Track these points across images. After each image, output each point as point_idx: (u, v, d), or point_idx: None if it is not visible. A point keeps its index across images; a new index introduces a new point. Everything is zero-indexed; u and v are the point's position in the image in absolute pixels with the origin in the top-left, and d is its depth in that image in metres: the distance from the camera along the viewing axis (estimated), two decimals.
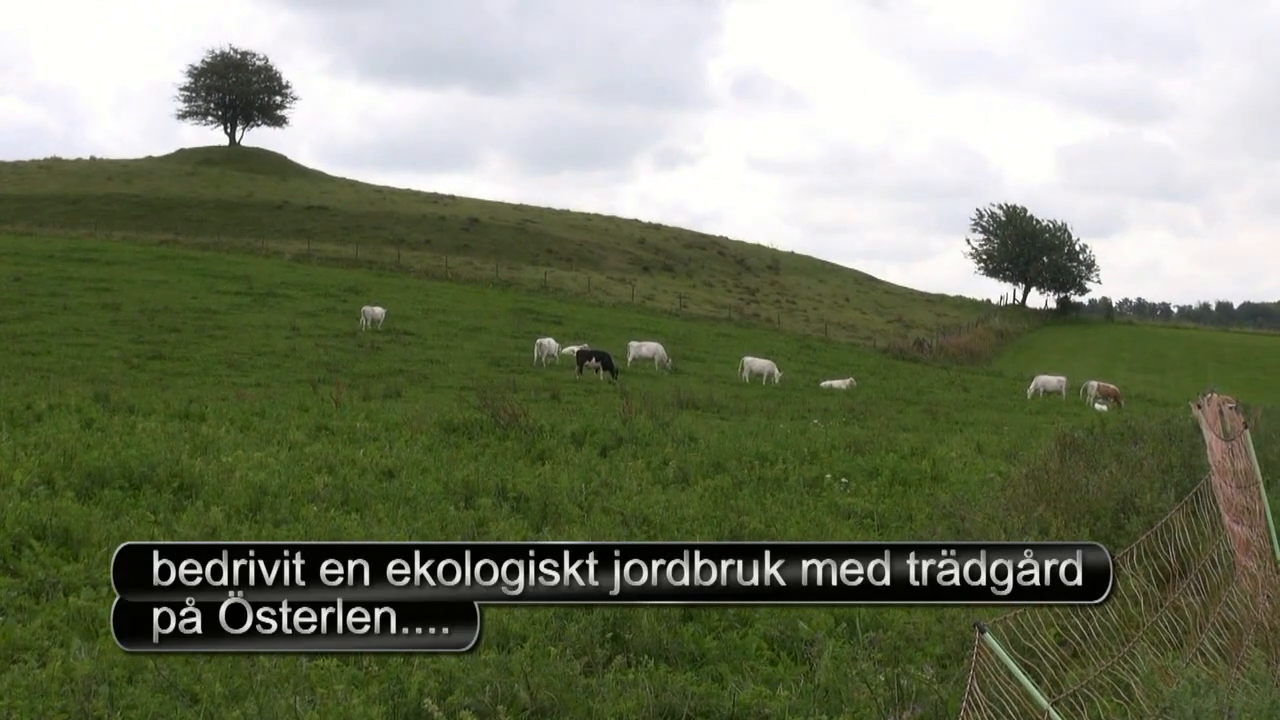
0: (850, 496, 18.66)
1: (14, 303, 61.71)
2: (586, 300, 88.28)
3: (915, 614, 11.51)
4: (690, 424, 27.74)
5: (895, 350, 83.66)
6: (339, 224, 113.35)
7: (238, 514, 14.81)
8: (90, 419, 22.23)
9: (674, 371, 58.91)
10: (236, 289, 72.38)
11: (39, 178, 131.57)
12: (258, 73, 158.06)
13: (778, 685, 9.87)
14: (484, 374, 49.14)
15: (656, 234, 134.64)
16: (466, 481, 17.58)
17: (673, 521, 15.83)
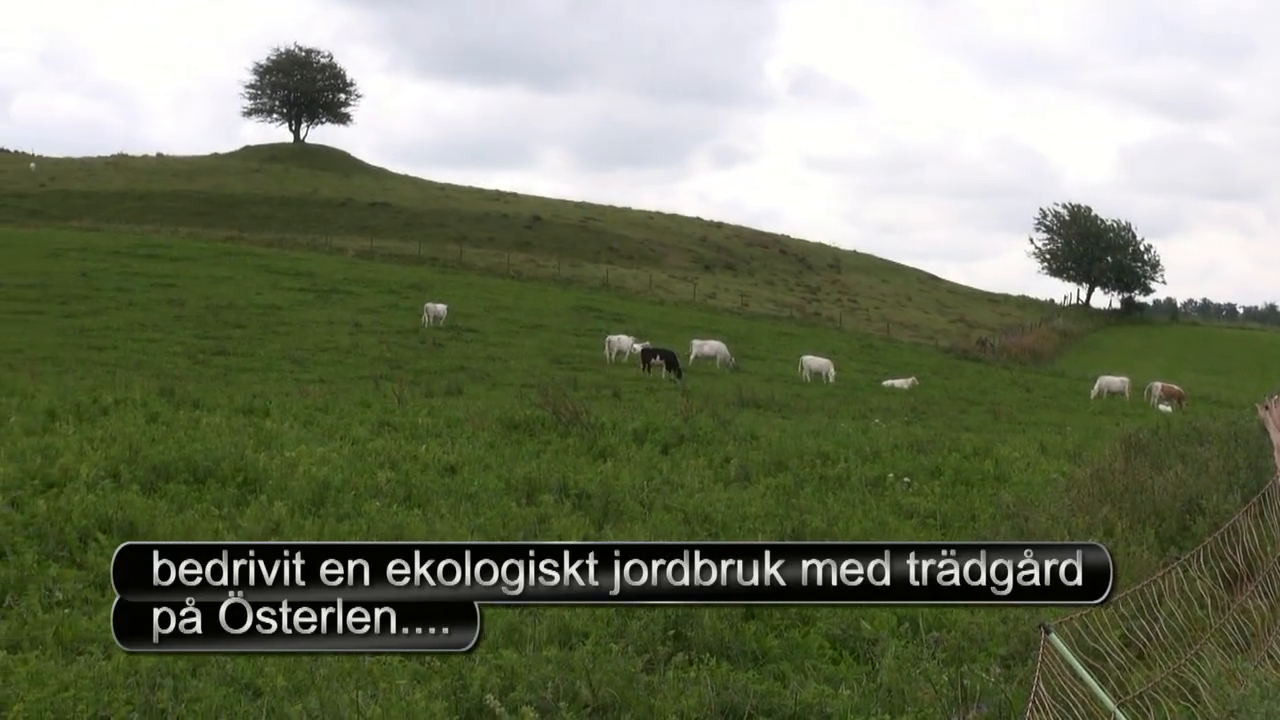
0: (913, 496, 18.58)
1: (81, 298, 62.20)
2: (648, 298, 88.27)
3: (979, 614, 11.45)
4: (752, 422, 27.69)
5: (958, 350, 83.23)
6: (402, 221, 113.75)
7: (301, 509, 14.87)
8: (155, 413, 22.36)
9: (736, 370, 58.81)
10: (300, 285, 72.72)
11: (106, 174, 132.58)
12: (322, 70, 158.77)
13: (840, 684, 9.84)
14: (545, 371, 49.18)
15: (718, 232, 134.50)
16: (528, 478, 17.60)
17: (734, 520, 15.80)
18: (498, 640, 10.32)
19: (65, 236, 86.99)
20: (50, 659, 9.36)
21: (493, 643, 10.25)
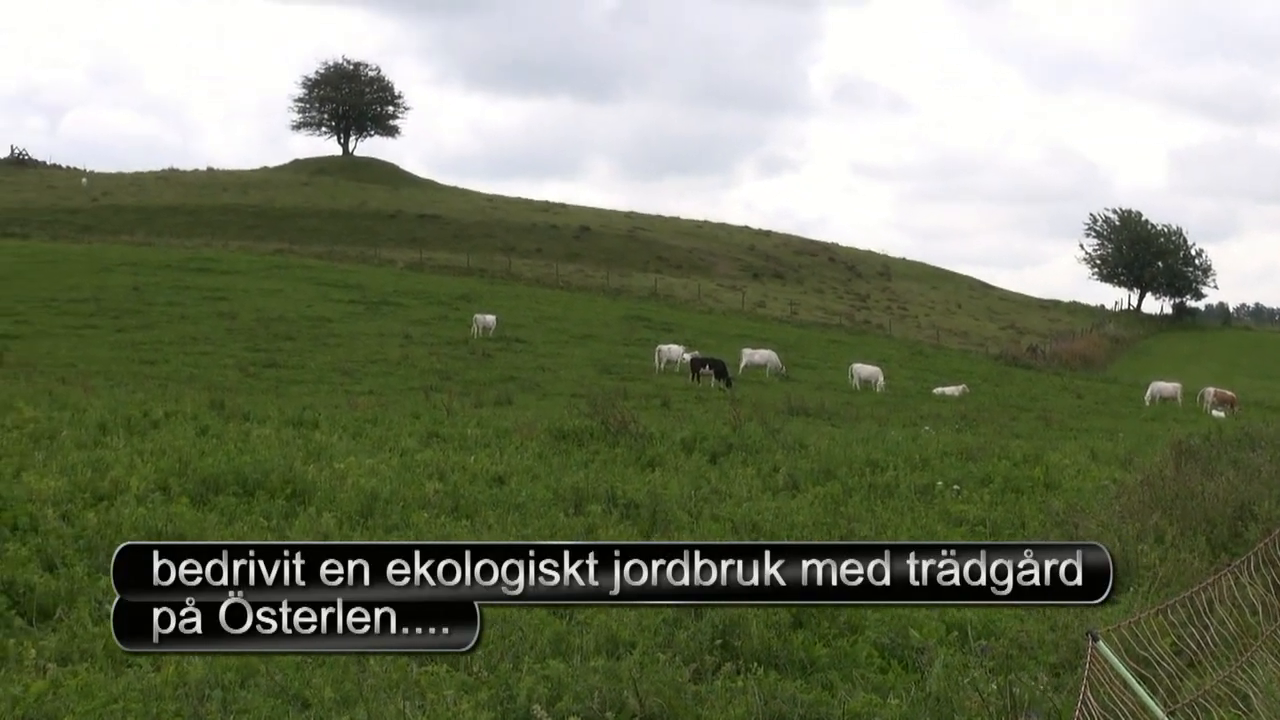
0: (962, 504, 18.49)
1: (133, 312, 62.59)
2: (697, 307, 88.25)
3: (1028, 621, 11.39)
4: (801, 431, 27.62)
5: (1008, 357, 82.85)
6: (450, 233, 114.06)
7: (349, 520, 14.91)
8: (206, 426, 22.47)
9: (786, 379, 58.72)
10: (350, 297, 72.98)
11: (157, 188, 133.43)
12: (370, 83, 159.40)
13: (888, 693, 9.80)
14: (595, 381, 49.21)
15: (766, 240, 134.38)
16: (576, 488, 17.60)
17: (782, 528, 15.76)
18: (545, 650, 10.32)
19: (117, 251, 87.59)
20: (100, 671, 9.41)
21: (540, 653, 10.26)
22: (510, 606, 6.78)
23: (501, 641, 10.41)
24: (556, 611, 11.47)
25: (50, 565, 11.98)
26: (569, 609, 11.63)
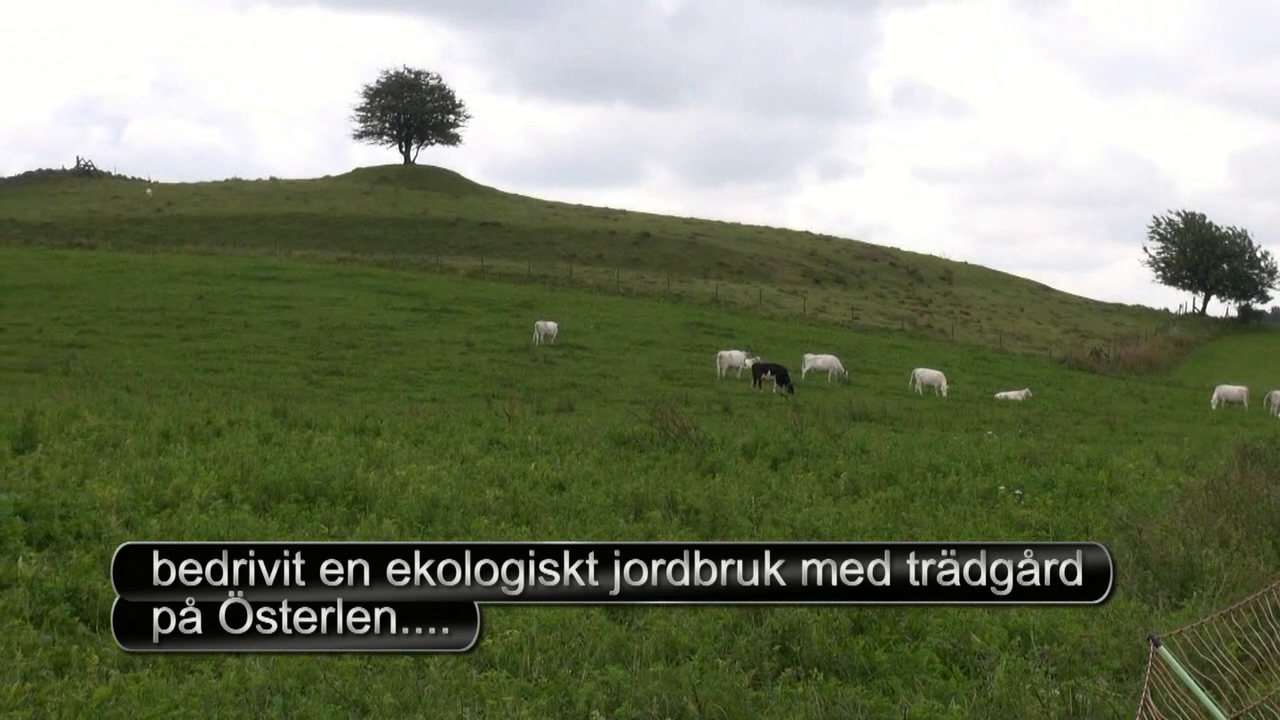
0: (1024, 509, 18.38)
1: (197, 321, 63.07)
2: (758, 313, 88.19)
3: (1092, 626, 11.30)
4: (862, 436, 27.54)
5: (1071, 361, 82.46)
6: (511, 240, 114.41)
7: (410, 526, 14.95)
8: (268, 434, 22.58)
9: (848, 384, 58.58)
10: (412, 305, 73.32)
11: (220, 198, 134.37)
12: (431, 92, 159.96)
13: (950, 699, 9.74)
14: (656, 387, 49.24)
15: (827, 246, 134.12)
16: (636, 494, 17.59)
17: (843, 534, 15.71)
18: (604, 656, 10.32)
19: (181, 261, 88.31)
20: (161, 677, 9.45)
21: (599, 659, 10.25)
22: (510, 606, 6.77)
23: (560, 647, 10.41)
24: (615, 617, 11.47)
25: None
26: (625, 612, 11.65)
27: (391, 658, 9.80)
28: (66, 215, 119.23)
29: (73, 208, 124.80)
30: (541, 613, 11.03)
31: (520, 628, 10.66)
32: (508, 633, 10.59)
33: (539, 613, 11.03)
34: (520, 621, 10.85)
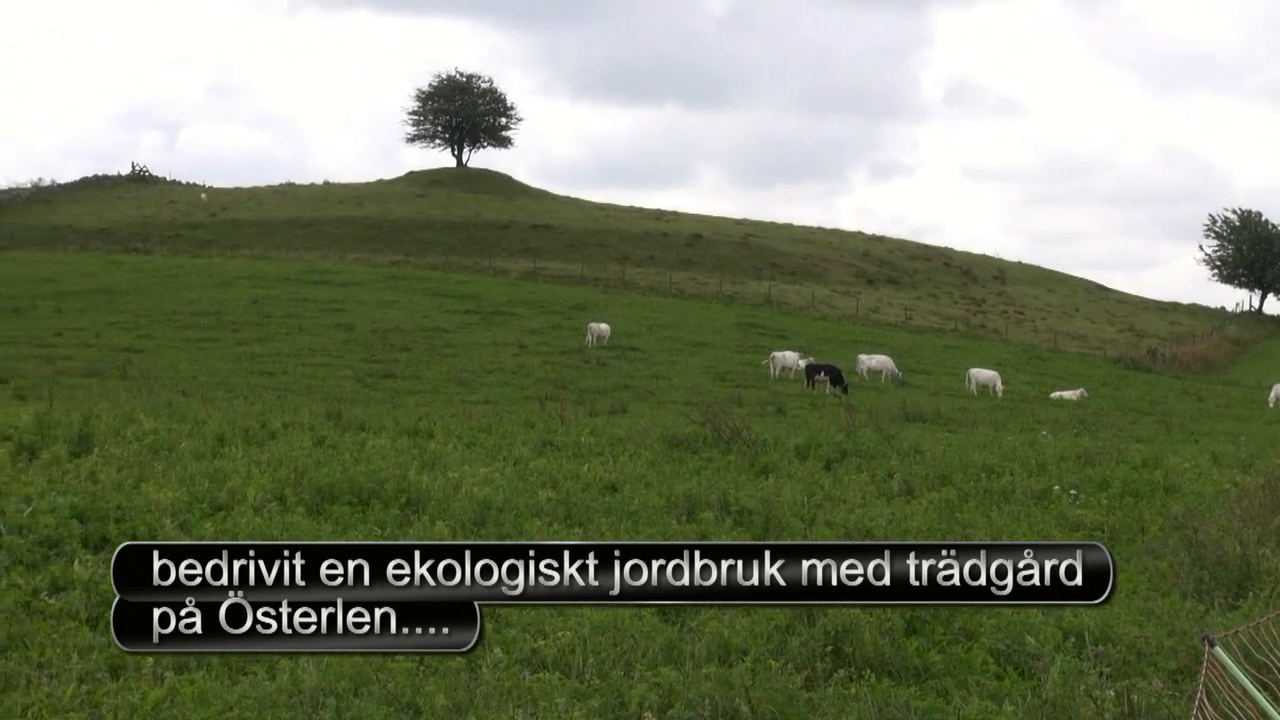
0: (1079, 509, 18.28)
1: (252, 324, 63.37)
2: (810, 314, 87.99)
3: (1147, 627, 11.24)
4: (916, 436, 27.45)
5: (1127, 360, 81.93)
6: (564, 242, 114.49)
7: (463, 528, 14.97)
8: (322, 436, 22.67)
9: (902, 384, 58.40)
10: (466, 308, 73.47)
11: (274, 202, 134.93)
12: (483, 95, 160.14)
13: (1004, 700, 9.70)
14: (709, 389, 49.19)
15: (880, 246, 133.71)
16: (688, 495, 17.58)
17: (896, 534, 15.66)
18: (656, 657, 10.31)
19: (236, 265, 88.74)
20: (216, 679, 9.50)
21: (652, 660, 10.25)
22: (510, 606, 6.75)
23: (613, 649, 10.41)
24: (668, 618, 11.47)
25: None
26: (678, 613, 11.65)
27: (441, 658, 9.83)
28: (122, 220, 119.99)
29: (128, 213, 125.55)
30: (594, 614, 11.05)
31: (573, 629, 10.67)
32: (560, 634, 10.60)
33: (591, 614, 11.04)
34: (573, 623, 10.86)
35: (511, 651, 10.36)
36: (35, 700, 9.03)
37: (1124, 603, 12.58)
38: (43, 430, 20.17)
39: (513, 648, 10.46)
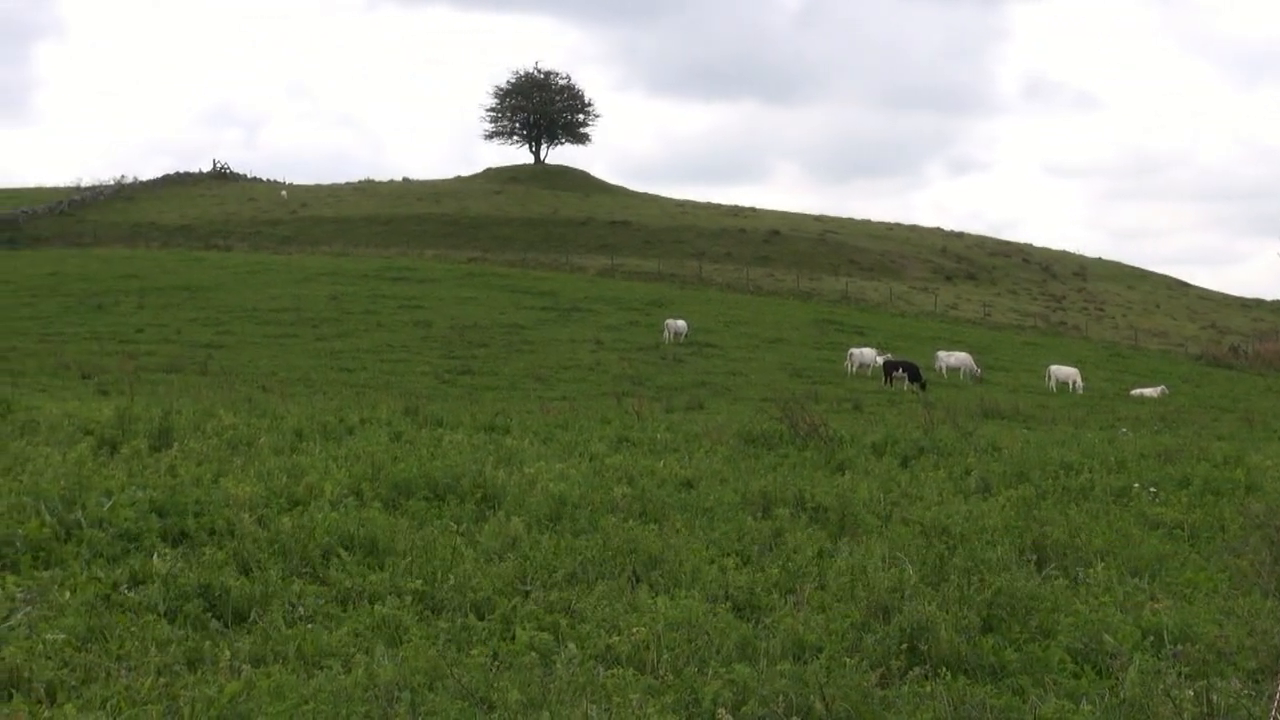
0: (1159, 506, 18.09)
1: (331, 321, 63.82)
2: (888, 310, 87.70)
3: (1227, 626, 11.12)
4: (994, 433, 27.28)
5: (1209, 357, 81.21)
6: (641, 239, 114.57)
7: (538, 524, 14.98)
8: (399, 432, 22.75)
9: (981, 381, 58.09)
10: (543, 304, 73.69)
11: (353, 200, 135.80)
12: (561, 91, 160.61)
13: (1081, 699, 9.61)
14: (785, 385, 49.09)
15: (958, 242, 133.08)
16: (764, 492, 17.51)
17: (973, 532, 15.54)
18: (730, 654, 10.28)
19: (316, 262, 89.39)
20: (291, 673, 9.54)
21: (726, 657, 10.22)
22: None
23: (687, 645, 10.39)
24: (743, 615, 11.45)
25: (246, 569, 12.19)
26: (753, 610, 11.63)
27: (516, 654, 9.88)
28: (203, 217, 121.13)
29: (209, 210, 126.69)
30: (668, 610, 11.04)
31: (647, 625, 10.66)
32: (634, 631, 10.59)
33: (666, 610, 11.04)
34: (647, 619, 10.86)
35: (585, 647, 10.36)
36: (114, 692, 9.10)
37: (1203, 601, 12.46)
38: (124, 425, 20.34)
39: (587, 643, 10.46)
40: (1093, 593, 12.63)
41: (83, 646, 9.99)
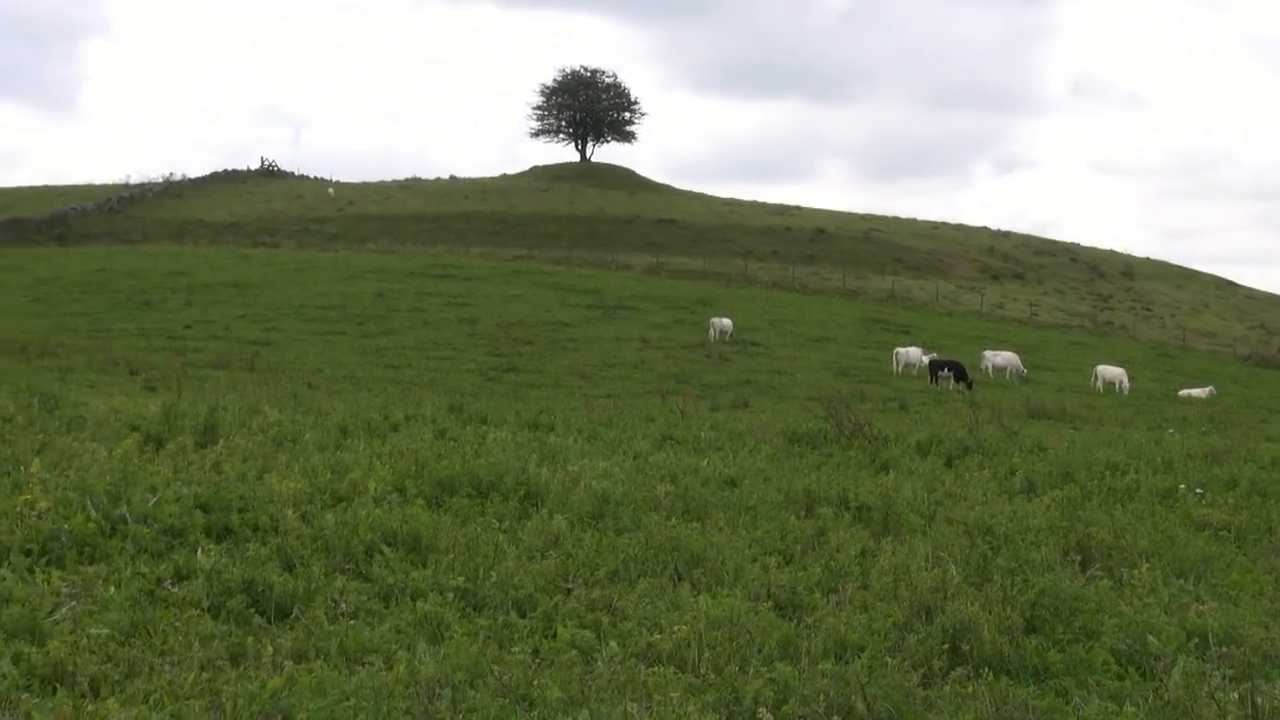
0: (1205, 508, 17.97)
1: (377, 318, 64.01)
2: (934, 309, 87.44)
3: (1273, 628, 11.04)
4: (1040, 434, 27.16)
5: (1258, 357, 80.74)
6: (687, 237, 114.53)
7: (581, 522, 14.98)
8: (443, 429, 22.79)
9: (1027, 381, 57.86)
10: (588, 302, 73.75)
11: (400, 197, 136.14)
12: (607, 90, 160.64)
13: (1124, 701, 9.55)
14: (831, 384, 49.00)
15: (1005, 241, 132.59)
16: (808, 491, 17.46)
17: (1017, 532, 15.48)
18: (772, 653, 10.27)
19: (362, 259, 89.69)
20: (334, 669, 9.57)
21: (767, 656, 10.21)
22: None
23: (729, 644, 10.37)
24: (785, 614, 11.42)
25: (289, 565, 12.23)
26: (795, 610, 11.61)
27: (559, 652, 9.88)
28: (251, 214, 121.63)
29: (257, 207, 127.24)
30: (710, 609, 11.03)
31: (689, 624, 10.66)
32: (676, 629, 10.58)
33: (707, 609, 11.03)
34: (689, 618, 10.85)
35: (627, 645, 10.36)
36: (157, 687, 9.14)
37: (1249, 603, 12.39)
38: (170, 421, 20.42)
39: (628, 641, 10.46)
40: (1137, 594, 12.56)
41: (126, 641, 10.03)
